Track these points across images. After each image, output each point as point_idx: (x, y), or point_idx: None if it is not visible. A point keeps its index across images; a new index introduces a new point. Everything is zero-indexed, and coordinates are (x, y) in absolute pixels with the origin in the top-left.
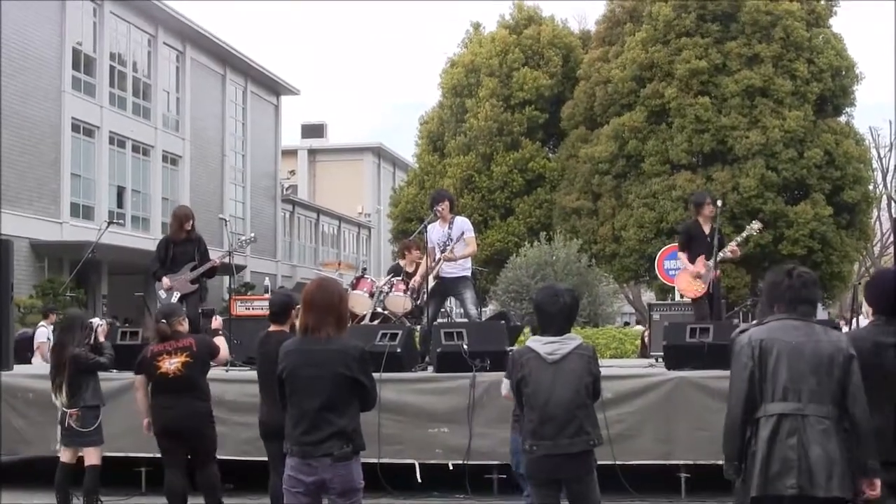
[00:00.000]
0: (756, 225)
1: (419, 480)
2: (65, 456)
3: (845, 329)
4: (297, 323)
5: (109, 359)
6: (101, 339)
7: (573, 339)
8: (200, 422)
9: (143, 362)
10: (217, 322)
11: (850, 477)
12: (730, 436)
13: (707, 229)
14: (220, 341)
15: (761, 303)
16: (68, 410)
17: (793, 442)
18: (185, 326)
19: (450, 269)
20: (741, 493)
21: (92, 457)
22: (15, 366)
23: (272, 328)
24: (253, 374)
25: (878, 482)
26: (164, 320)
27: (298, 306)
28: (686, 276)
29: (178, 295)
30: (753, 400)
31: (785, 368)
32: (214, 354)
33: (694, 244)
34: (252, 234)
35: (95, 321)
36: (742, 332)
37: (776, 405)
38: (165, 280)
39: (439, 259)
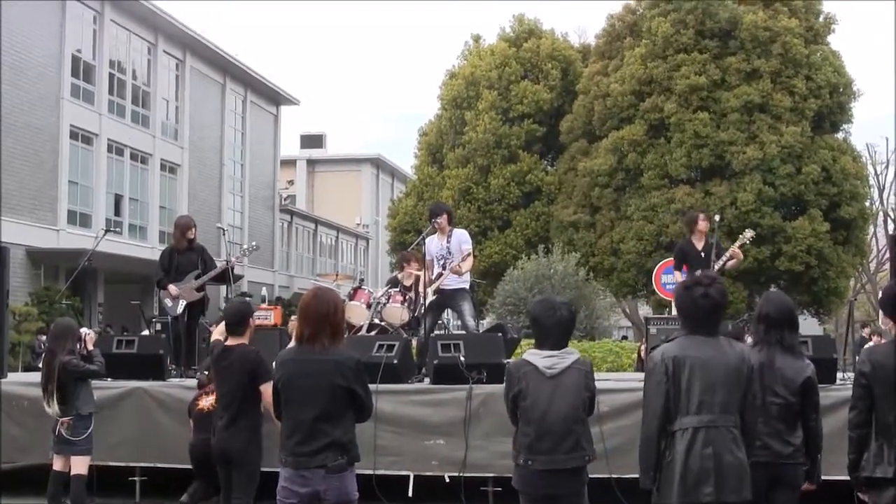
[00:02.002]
0: (749, 233)
1: (410, 493)
2: (57, 464)
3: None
4: (293, 332)
5: (100, 366)
6: (90, 347)
7: (571, 354)
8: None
9: (190, 407)
10: None
11: None
12: (645, 448)
13: (700, 245)
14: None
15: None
16: (61, 419)
17: (708, 452)
18: None
19: (448, 281)
20: (657, 501)
21: (78, 466)
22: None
23: (229, 342)
24: None
25: None
26: (206, 371)
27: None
28: None
29: (184, 303)
30: (668, 413)
31: (698, 383)
32: None
33: (689, 262)
34: (254, 243)
35: (84, 330)
36: (654, 348)
37: (691, 418)
38: (172, 288)
39: (446, 272)
